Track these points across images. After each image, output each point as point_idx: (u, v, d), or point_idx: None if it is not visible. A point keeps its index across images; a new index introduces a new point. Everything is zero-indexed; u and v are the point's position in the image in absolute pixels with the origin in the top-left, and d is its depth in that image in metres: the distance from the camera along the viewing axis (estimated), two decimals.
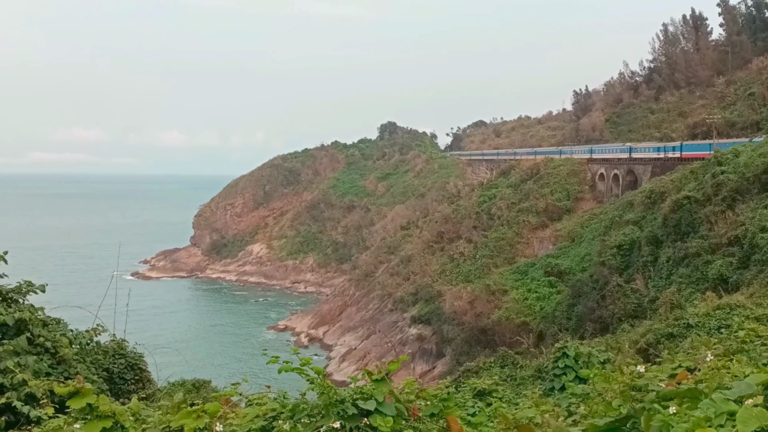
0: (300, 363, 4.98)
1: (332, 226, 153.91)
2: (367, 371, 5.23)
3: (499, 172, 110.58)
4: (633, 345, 24.17)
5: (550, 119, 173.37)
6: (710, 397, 3.15)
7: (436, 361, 70.94)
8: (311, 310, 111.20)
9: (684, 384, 3.67)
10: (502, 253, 78.96)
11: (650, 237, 46.03)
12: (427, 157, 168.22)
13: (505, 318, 60.24)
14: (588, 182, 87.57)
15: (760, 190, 38.81)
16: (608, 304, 43.78)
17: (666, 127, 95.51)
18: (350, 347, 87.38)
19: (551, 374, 14.77)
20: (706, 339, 13.20)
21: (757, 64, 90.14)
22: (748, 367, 4.87)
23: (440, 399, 5.77)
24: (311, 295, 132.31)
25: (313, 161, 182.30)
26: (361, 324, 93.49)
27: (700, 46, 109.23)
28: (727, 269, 34.83)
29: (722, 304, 23.46)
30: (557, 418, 6.59)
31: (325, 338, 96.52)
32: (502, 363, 24.56)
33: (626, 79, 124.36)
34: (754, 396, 3.06)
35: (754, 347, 8.77)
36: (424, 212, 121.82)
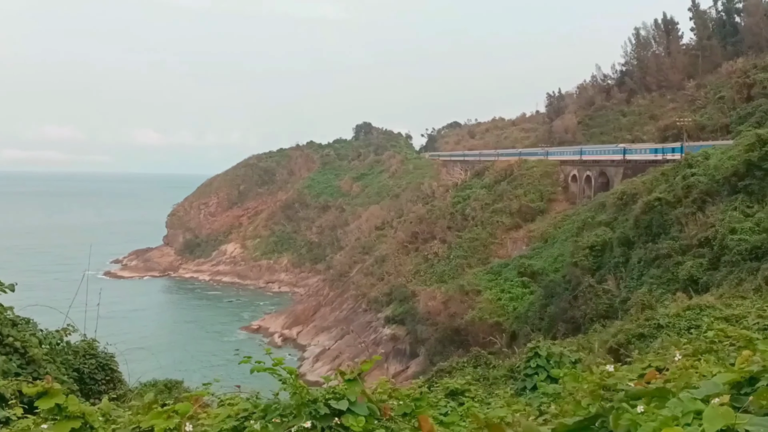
0: (272, 363, 4.96)
1: (307, 226, 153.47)
2: (340, 371, 5.22)
3: (474, 173, 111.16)
4: (604, 345, 24.46)
5: (523, 121, 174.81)
6: (678, 396, 3.20)
7: (409, 361, 71.05)
8: (285, 310, 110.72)
9: (652, 383, 3.73)
10: (476, 253, 79.37)
11: (622, 238, 46.65)
12: (402, 157, 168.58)
13: (478, 318, 60.52)
14: (561, 183, 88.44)
15: (729, 192, 39.57)
16: (580, 304, 44.26)
17: (637, 129, 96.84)
18: (324, 347, 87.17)
19: (523, 374, 14.88)
20: (675, 339, 13.41)
21: (726, 68, 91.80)
22: (715, 367, 4.96)
23: (413, 399, 5.79)
24: (285, 295, 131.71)
25: (288, 161, 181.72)
26: (335, 324, 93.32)
27: (671, 50, 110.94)
28: (698, 270, 35.46)
29: (692, 305, 23.85)
30: (528, 417, 6.65)
31: (299, 338, 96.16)
32: (475, 363, 24.72)
33: (599, 82, 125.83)
34: (721, 395, 3.11)
35: (723, 347, 8.91)
36: (398, 212, 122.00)
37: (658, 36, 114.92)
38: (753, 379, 3.40)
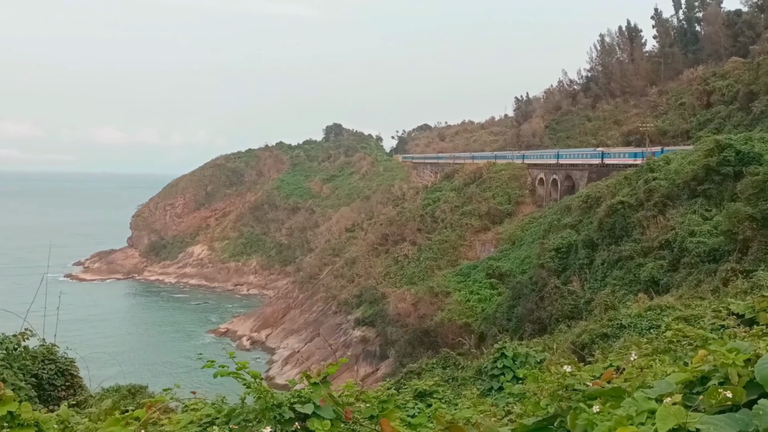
0: (236, 367, 4.95)
1: (276, 228, 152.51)
2: (306, 374, 5.25)
3: (444, 175, 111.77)
4: (569, 345, 24.80)
5: (492, 124, 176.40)
6: (632, 395, 3.31)
7: (379, 363, 71.10)
8: (254, 312, 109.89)
9: (609, 383, 3.84)
10: (445, 255, 79.82)
11: (586, 240, 47.36)
12: (372, 159, 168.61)
13: (447, 319, 60.86)
14: (528, 187, 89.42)
15: (689, 195, 40.46)
16: (546, 305, 44.79)
17: (602, 134, 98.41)
18: (293, 350, 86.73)
19: (490, 374, 15.08)
20: (636, 339, 13.67)
21: (687, 75, 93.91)
22: (670, 367, 5.11)
23: (380, 401, 5.84)
24: (254, 297, 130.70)
25: (257, 162, 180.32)
26: (304, 326, 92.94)
27: (634, 57, 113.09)
28: (658, 272, 36.19)
29: (653, 306, 24.33)
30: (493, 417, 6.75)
31: (268, 341, 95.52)
32: (444, 364, 24.85)
33: (565, 87, 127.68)
34: (673, 394, 3.22)
35: (681, 347, 9.13)
36: (369, 214, 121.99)
37: (622, 43, 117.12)
38: (705, 379, 3.53)
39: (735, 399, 3.05)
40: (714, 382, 3.37)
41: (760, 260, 29.56)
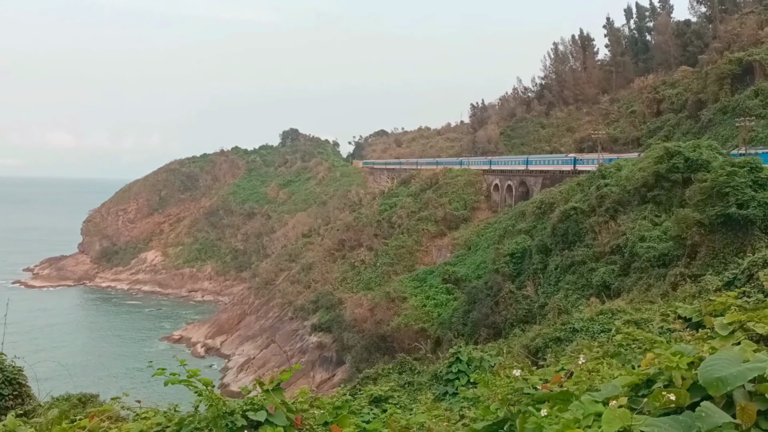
0: (187, 375, 4.88)
1: (232, 234, 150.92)
2: (259, 381, 5.20)
3: (400, 181, 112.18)
4: (523, 349, 25.14)
5: (448, 131, 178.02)
6: (580, 399, 3.38)
7: (336, 369, 70.85)
8: (208, 319, 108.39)
9: (557, 387, 3.91)
10: (402, 260, 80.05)
11: (540, 245, 48.12)
12: (329, 165, 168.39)
13: (404, 324, 61.06)
14: (484, 192, 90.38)
15: (639, 201, 41.47)
16: (501, 309, 45.31)
17: (555, 141, 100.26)
18: (249, 357, 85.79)
19: (445, 379, 15.17)
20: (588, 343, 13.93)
21: (638, 83, 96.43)
22: (617, 370, 5.24)
23: (334, 407, 5.82)
24: (209, 304, 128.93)
25: (212, 167, 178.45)
26: (260, 333, 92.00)
27: (587, 65, 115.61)
28: (610, 276, 36.99)
29: (605, 309, 24.87)
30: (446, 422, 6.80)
31: (223, 348, 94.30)
32: (401, 369, 24.90)
33: (519, 95, 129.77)
34: (619, 397, 3.30)
35: (631, 350, 9.34)
36: (325, 220, 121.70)
37: (575, 51, 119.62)
38: (650, 382, 3.62)
39: (679, 401, 3.14)
40: (659, 385, 3.46)
41: (708, 265, 30.46)
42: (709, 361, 3.25)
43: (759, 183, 32.22)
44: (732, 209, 30.83)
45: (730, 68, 71.34)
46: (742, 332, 4.65)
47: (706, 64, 79.26)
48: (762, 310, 5.35)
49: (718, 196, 32.08)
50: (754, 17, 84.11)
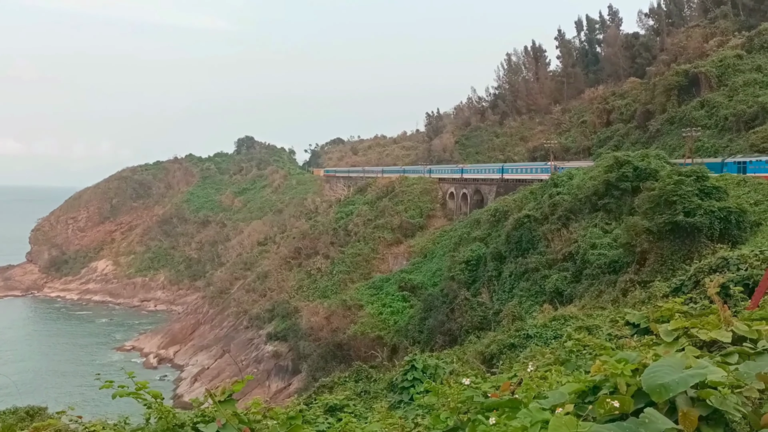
0: (136, 387, 4.79)
1: (185, 242, 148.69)
2: (210, 393, 5.13)
3: (356, 189, 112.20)
4: (479, 355, 25.37)
5: (404, 139, 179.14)
6: (528, 407, 3.43)
7: (292, 378, 70.23)
8: (161, 329, 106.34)
9: (514, 394, 3.96)
10: (358, 268, 79.99)
11: (495, 253, 48.69)
12: (285, 172, 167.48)
13: (360, 332, 60.94)
14: (439, 200, 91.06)
15: (590, 209, 42.35)
16: (457, 316, 45.64)
17: (509, 150, 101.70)
18: (203, 367, 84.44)
19: (400, 387, 15.20)
20: (540, 349, 14.14)
21: (588, 94, 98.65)
22: (564, 377, 5.33)
23: (288, 417, 5.77)
24: (162, 313, 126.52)
25: (165, 174, 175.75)
26: (214, 342, 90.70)
27: (539, 76, 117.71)
28: (562, 283, 37.64)
29: (558, 316, 25.32)
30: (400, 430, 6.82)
31: (176, 358, 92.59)
32: (357, 377, 24.86)
33: (474, 104, 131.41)
34: (565, 404, 3.36)
35: (582, 357, 9.52)
36: (281, 228, 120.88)
37: (527, 62, 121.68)
38: (596, 388, 3.69)
39: (623, 408, 3.21)
40: (605, 391, 3.53)
41: (657, 271, 31.27)
42: (652, 368, 3.33)
43: (705, 192, 33.26)
44: (679, 217, 31.72)
45: (676, 80, 73.51)
46: (686, 338, 4.76)
47: (654, 76, 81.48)
48: (706, 316, 5.51)
49: (665, 205, 32.98)
50: (700, 30, 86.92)
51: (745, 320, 4.94)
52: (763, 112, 59.48)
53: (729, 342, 4.21)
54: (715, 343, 4.48)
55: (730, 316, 4.84)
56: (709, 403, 2.99)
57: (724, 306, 4.98)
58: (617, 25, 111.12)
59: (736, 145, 60.16)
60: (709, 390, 3.01)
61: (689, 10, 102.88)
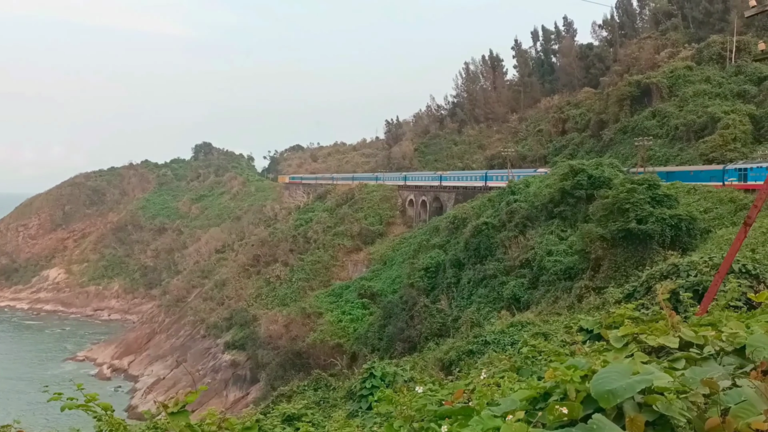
0: (85, 399, 4.69)
1: (141, 250, 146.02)
2: (163, 404, 5.06)
3: (316, 196, 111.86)
4: (437, 362, 25.50)
5: (364, 146, 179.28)
6: (480, 414, 3.46)
7: (250, 387, 69.41)
8: (115, 339, 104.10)
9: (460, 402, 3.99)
10: (317, 276, 79.68)
11: (454, 260, 49.06)
12: (243, 179, 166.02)
13: (319, 340, 60.61)
14: (399, 207, 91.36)
15: (546, 217, 43.04)
16: (416, 323, 45.77)
17: (467, 158, 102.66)
18: (158, 377, 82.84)
19: (358, 395, 15.17)
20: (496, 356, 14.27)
21: (544, 103, 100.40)
22: (516, 384, 5.40)
23: (244, 428, 5.72)
24: (116, 323, 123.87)
25: (120, 180, 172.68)
26: (170, 352, 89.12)
27: (497, 85, 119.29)
28: (520, 289, 38.13)
29: (515, 322, 25.62)
30: None
31: (131, 369, 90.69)
32: (316, 386, 24.75)
33: (433, 112, 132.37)
34: (516, 411, 3.40)
35: (537, 362, 9.66)
36: (240, 235, 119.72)
37: (485, 71, 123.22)
38: (547, 395, 3.74)
39: (572, 414, 3.26)
40: (555, 398, 3.58)
41: (610, 278, 31.91)
42: (600, 374, 3.38)
43: (656, 199, 34.12)
44: (632, 224, 32.46)
45: (629, 90, 75.31)
46: (635, 344, 4.84)
47: (607, 86, 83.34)
48: (655, 322, 5.63)
49: (619, 212, 33.71)
50: (652, 42, 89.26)
51: (693, 326, 5.07)
52: (711, 123, 61.26)
53: (676, 348, 4.27)
54: (663, 348, 4.55)
55: (677, 322, 4.96)
56: (656, 409, 3.04)
57: (671, 312, 5.10)
58: (572, 36, 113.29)
59: (686, 155, 61.87)
60: (656, 395, 3.06)
61: (641, 22, 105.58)
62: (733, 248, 14.28)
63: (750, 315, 6.68)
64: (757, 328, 4.25)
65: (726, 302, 10.68)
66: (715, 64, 73.58)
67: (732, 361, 3.63)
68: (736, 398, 2.89)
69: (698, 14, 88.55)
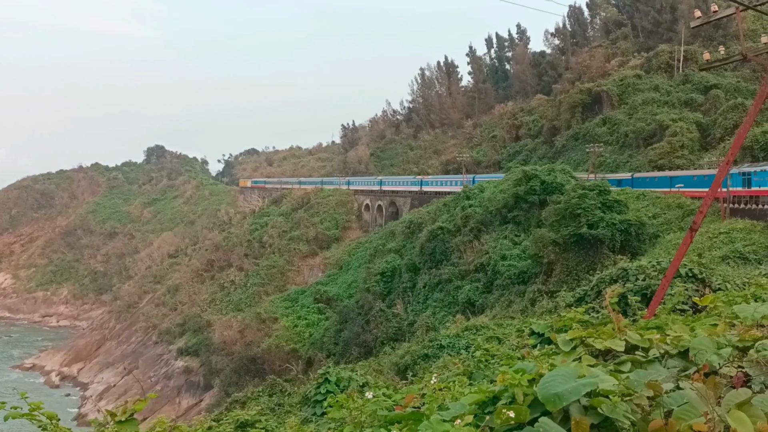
0: (29, 408, 4.56)
1: (91, 254, 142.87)
2: (110, 413, 4.94)
3: (272, 200, 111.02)
4: (393, 366, 25.53)
5: (320, 150, 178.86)
6: (429, 418, 3.48)
7: (203, 394, 68.40)
8: (64, 345, 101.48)
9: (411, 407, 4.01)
10: (273, 280, 79.05)
11: (409, 264, 49.25)
12: (197, 183, 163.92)
13: (275, 346, 60.09)
14: (355, 212, 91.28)
15: (501, 222, 43.59)
16: (372, 328, 45.78)
17: (423, 163, 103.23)
18: (109, 384, 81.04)
19: (313, 400, 15.09)
20: (450, 359, 14.37)
21: (498, 109, 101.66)
22: (467, 388, 5.45)
23: None
24: (65, 329, 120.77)
25: (69, 184, 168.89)
26: (121, 359, 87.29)
27: (452, 91, 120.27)
28: (474, 293, 38.49)
29: (470, 326, 25.86)
30: None
31: (80, 376, 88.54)
32: (271, 392, 24.51)
33: (389, 117, 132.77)
34: (465, 416, 3.43)
35: (490, 366, 9.76)
36: (193, 240, 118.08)
37: (440, 77, 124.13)
38: (496, 399, 3.79)
39: (519, 418, 3.30)
40: (503, 401, 3.63)
41: (563, 281, 32.47)
42: (547, 378, 3.43)
43: (607, 205, 34.88)
44: (583, 229, 33.11)
45: (580, 98, 76.84)
46: (583, 348, 4.92)
47: (560, 93, 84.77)
48: (603, 326, 5.74)
49: (571, 217, 34.36)
50: (602, 51, 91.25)
51: (640, 329, 5.19)
52: (660, 130, 62.88)
53: (623, 351, 4.34)
54: (610, 352, 4.62)
55: (623, 326, 5.07)
56: (601, 411, 3.08)
57: (618, 316, 5.21)
58: (525, 43, 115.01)
59: (635, 161, 63.40)
60: (601, 398, 3.10)
61: (593, 30, 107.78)
62: (680, 253, 14.70)
63: (695, 318, 6.88)
64: (701, 331, 4.37)
65: (672, 306, 10.97)
66: (664, 73, 75.55)
67: (676, 363, 3.69)
68: (679, 400, 2.93)
69: (647, 24, 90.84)
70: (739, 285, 16.62)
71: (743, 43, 15.97)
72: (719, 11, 15.73)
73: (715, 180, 13.64)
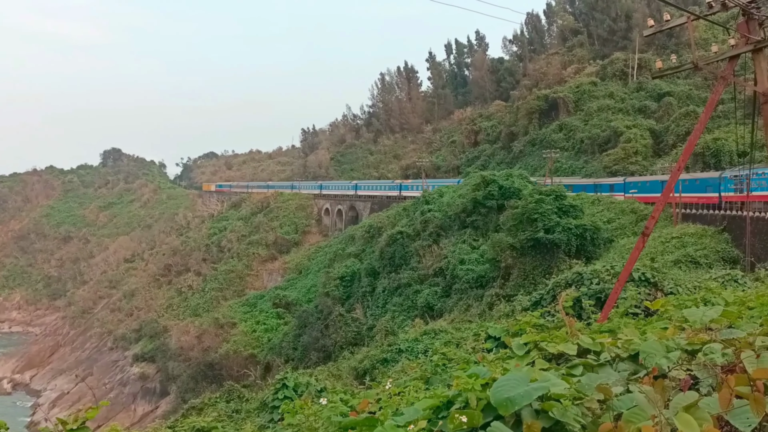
0: None
1: (44, 259, 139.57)
2: (61, 420, 4.82)
3: (230, 204, 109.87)
4: (352, 371, 25.48)
5: (280, 154, 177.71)
6: (383, 424, 3.48)
7: (160, 401, 67.25)
8: (16, 352, 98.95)
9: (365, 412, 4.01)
10: (231, 285, 78.24)
11: (369, 269, 49.26)
12: (155, 186, 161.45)
13: (233, 351, 59.40)
14: (315, 216, 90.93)
15: (459, 226, 43.92)
16: (331, 332, 45.62)
17: (383, 167, 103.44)
18: (62, 392, 79.15)
19: (271, 406, 14.97)
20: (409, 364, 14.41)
21: (458, 115, 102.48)
22: (422, 393, 5.48)
23: None
24: (17, 335, 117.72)
25: (23, 187, 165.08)
26: (75, 365, 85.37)
27: (412, 96, 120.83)
28: (433, 297, 38.69)
29: (428, 330, 25.96)
30: None
31: (33, 383, 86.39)
32: (228, 398, 24.22)
33: (349, 121, 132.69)
34: (418, 421, 3.44)
35: (448, 370, 9.81)
36: (150, 244, 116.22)
37: (400, 82, 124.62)
38: (450, 403, 3.81)
39: (472, 422, 3.32)
40: (457, 406, 3.65)
41: (520, 285, 32.87)
42: (500, 382, 3.46)
43: (563, 210, 35.44)
44: (540, 234, 33.57)
45: (537, 104, 77.98)
46: (537, 351, 4.97)
47: (517, 100, 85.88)
48: (558, 329, 5.83)
49: (528, 222, 34.81)
50: (559, 58, 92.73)
51: (593, 333, 5.27)
52: (614, 136, 64.16)
53: (575, 354, 4.40)
54: (563, 355, 4.67)
55: (576, 330, 5.15)
56: (552, 415, 3.12)
57: (571, 320, 5.29)
58: (484, 49, 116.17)
59: (591, 167, 64.56)
60: (552, 402, 3.14)
61: (549, 38, 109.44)
62: (632, 257, 15.03)
63: (647, 322, 7.02)
64: (651, 335, 4.46)
65: (625, 309, 11.21)
66: (618, 80, 77.15)
67: (627, 367, 3.74)
68: (629, 404, 2.97)
69: (603, 32, 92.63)
70: (690, 289, 17.04)
71: (695, 52, 16.42)
72: (671, 20, 16.16)
73: (666, 186, 13.98)
